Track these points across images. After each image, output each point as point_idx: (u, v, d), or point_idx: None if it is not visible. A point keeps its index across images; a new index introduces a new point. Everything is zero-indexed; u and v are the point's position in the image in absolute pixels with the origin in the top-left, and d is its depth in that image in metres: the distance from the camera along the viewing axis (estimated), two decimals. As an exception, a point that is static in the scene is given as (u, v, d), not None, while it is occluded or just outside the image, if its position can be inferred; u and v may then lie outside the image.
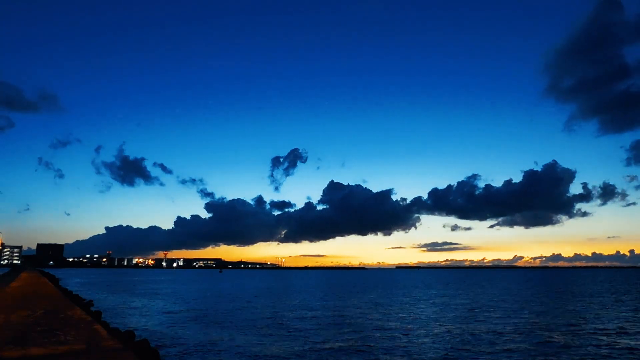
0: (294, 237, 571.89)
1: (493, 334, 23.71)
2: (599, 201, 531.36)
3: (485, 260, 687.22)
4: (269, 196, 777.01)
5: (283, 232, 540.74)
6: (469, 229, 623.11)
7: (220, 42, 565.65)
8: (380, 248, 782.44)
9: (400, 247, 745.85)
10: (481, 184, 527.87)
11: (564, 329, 25.54)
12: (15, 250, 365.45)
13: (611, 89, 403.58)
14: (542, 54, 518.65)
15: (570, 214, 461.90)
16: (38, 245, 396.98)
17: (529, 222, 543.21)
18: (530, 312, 34.29)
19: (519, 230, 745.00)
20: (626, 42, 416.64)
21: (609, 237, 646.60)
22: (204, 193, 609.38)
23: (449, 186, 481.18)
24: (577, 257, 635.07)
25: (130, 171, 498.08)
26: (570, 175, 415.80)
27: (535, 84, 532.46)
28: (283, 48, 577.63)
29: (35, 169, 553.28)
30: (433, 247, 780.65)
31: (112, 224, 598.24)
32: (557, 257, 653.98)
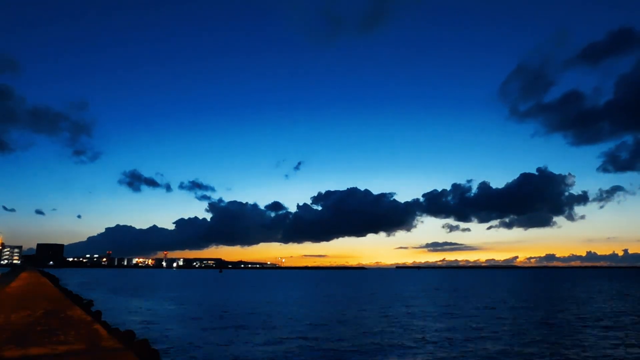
0: (295, 237, 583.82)
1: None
2: (593, 204, 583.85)
3: (484, 261, 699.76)
4: (270, 198, 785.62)
5: (285, 233, 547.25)
6: (468, 230, 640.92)
7: (223, 59, 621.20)
8: (381, 249, 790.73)
9: (400, 248, 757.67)
10: (472, 188, 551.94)
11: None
12: (15, 250, 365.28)
13: (569, 110, 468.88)
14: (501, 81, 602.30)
15: (567, 215, 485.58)
16: (38, 245, 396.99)
17: (527, 224, 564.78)
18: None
19: (517, 231, 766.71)
20: (573, 69, 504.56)
21: (605, 238, 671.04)
22: (205, 196, 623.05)
23: (447, 189, 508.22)
24: (572, 257, 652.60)
25: (135, 179, 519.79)
26: (564, 180, 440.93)
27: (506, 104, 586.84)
28: (286, 59, 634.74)
29: (51, 175, 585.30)
30: (433, 247, 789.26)
31: (113, 224, 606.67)
32: (553, 257, 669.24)
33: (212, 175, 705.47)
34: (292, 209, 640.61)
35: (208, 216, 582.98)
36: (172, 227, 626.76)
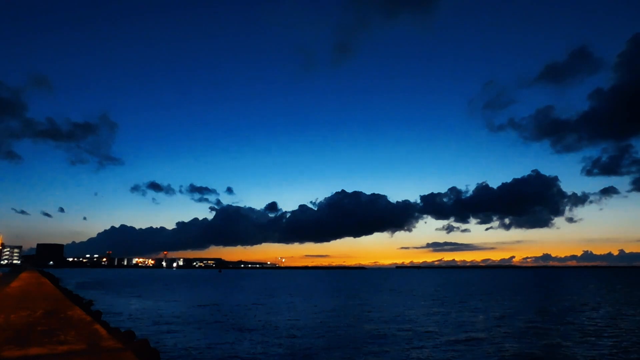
0: (297, 238, 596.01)
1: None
2: (589, 206, 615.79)
3: (480, 260, 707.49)
4: (272, 200, 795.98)
5: (287, 234, 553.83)
6: (467, 230, 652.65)
7: (227, 83, 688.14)
8: (382, 249, 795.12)
9: (402, 248, 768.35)
10: (469, 191, 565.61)
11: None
12: (15, 250, 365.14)
13: (546, 121, 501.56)
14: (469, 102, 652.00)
15: (564, 217, 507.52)
16: (38, 245, 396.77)
17: (526, 224, 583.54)
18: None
19: (515, 232, 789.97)
20: (541, 85, 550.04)
21: (601, 239, 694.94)
22: (206, 198, 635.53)
23: (446, 192, 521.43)
24: (569, 257, 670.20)
25: (140, 183, 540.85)
26: (559, 183, 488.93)
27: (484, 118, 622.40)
28: (286, 78, 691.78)
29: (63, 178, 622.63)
30: (434, 247, 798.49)
31: (113, 224, 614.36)
32: (549, 257, 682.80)
33: (213, 177, 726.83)
34: (295, 210, 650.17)
35: (209, 217, 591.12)
36: (173, 227, 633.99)
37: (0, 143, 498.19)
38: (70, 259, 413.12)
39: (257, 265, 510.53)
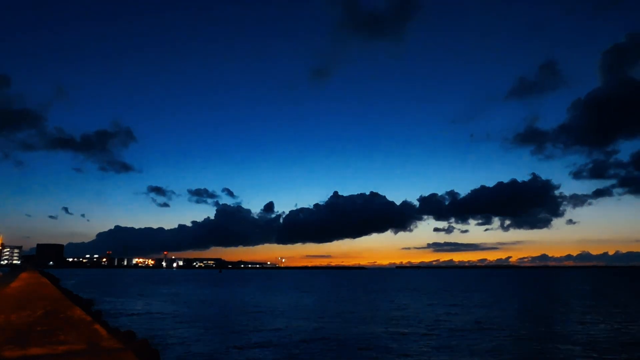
0: (298, 239, 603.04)
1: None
2: (586, 207, 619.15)
3: (479, 260, 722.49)
4: (273, 201, 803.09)
5: (287, 235, 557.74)
6: (466, 231, 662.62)
7: (229, 97, 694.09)
8: (382, 249, 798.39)
9: (402, 249, 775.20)
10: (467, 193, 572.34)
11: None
12: (15, 250, 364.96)
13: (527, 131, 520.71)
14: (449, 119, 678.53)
15: (562, 218, 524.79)
16: (38, 245, 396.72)
17: (524, 225, 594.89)
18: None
19: (514, 232, 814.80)
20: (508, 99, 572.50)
21: (598, 240, 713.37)
22: (207, 199, 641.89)
23: (444, 194, 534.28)
24: (566, 257, 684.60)
25: (142, 185, 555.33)
26: (556, 185, 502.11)
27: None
28: (286, 92, 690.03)
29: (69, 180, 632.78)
30: (434, 247, 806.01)
31: (114, 225, 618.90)
32: (547, 257, 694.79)
33: (213, 180, 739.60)
34: (293, 210, 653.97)
35: (210, 217, 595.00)
36: (174, 228, 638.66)
37: (12, 151, 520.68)
38: (70, 259, 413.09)
39: (257, 266, 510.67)
